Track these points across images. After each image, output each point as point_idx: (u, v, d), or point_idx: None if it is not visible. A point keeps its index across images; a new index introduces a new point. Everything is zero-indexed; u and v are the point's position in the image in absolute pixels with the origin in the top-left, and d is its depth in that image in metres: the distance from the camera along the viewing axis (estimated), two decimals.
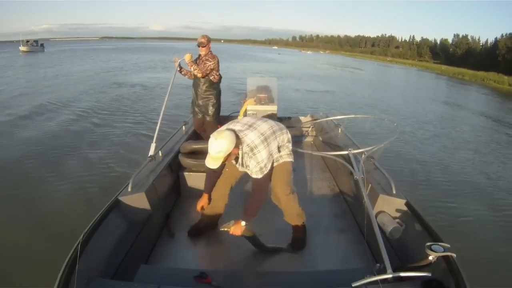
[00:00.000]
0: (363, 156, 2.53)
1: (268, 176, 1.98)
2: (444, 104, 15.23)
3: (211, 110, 3.51)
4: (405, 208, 2.15)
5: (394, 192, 2.23)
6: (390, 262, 1.49)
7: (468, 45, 60.90)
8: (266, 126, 1.99)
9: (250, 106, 3.61)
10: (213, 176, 2.19)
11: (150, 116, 8.29)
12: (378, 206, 2.25)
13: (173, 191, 2.83)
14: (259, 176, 1.91)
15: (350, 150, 2.53)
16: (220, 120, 3.66)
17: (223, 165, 1.98)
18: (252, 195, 2.02)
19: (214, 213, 2.33)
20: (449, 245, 1.53)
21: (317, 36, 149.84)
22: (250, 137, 1.86)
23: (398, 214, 2.17)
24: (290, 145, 2.18)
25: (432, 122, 10.70)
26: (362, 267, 1.97)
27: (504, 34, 48.28)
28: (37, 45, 42.03)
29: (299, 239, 2.27)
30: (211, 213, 2.33)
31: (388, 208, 2.22)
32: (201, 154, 2.71)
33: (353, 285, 1.42)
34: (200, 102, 3.48)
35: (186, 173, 2.87)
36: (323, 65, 37.07)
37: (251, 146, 1.85)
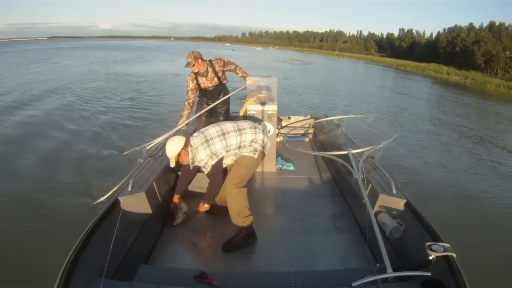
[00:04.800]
0: (363, 156, 2.54)
1: (218, 170, 2.23)
2: (389, 92, 16.81)
3: (226, 111, 3.62)
4: (405, 208, 2.15)
5: (394, 192, 2.23)
6: (390, 262, 1.48)
7: (412, 39, 61.30)
8: (213, 130, 2.23)
9: (250, 106, 3.61)
10: (187, 178, 2.52)
11: (150, 115, 8.28)
12: (378, 206, 2.26)
13: (173, 191, 2.83)
14: (206, 171, 2.22)
15: (350, 150, 2.52)
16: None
17: (197, 167, 2.28)
18: (209, 184, 2.33)
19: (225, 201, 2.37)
20: (449, 245, 1.53)
21: (267, 32, 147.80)
22: (193, 141, 2.21)
23: (398, 214, 2.17)
24: (256, 144, 2.29)
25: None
26: (362, 267, 1.98)
27: (445, 28, 50.71)
28: None
29: (232, 241, 2.24)
30: (222, 201, 2.47)
31: (388, 208, 2.22)
32: None
33: (353, 285, 1.42)
34: (220, 110, 3.55)
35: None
36: (273, 60, 37.86)
37: (192, 149, 2.19)
